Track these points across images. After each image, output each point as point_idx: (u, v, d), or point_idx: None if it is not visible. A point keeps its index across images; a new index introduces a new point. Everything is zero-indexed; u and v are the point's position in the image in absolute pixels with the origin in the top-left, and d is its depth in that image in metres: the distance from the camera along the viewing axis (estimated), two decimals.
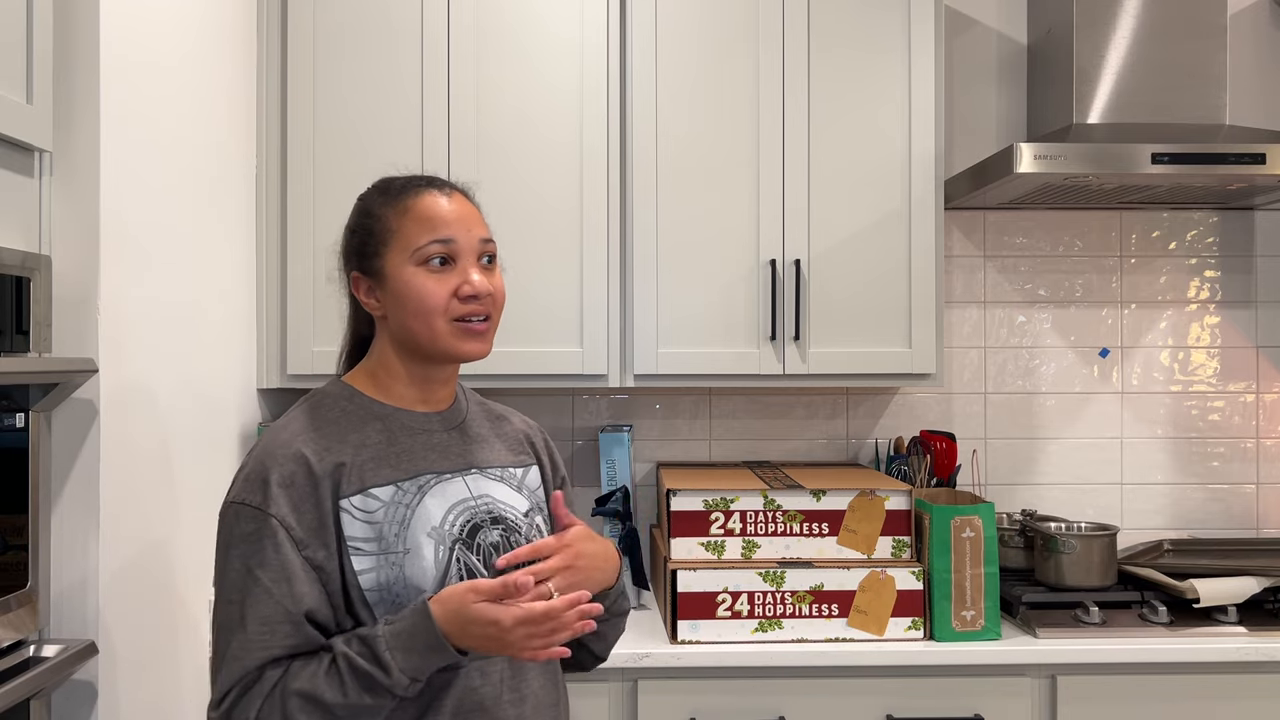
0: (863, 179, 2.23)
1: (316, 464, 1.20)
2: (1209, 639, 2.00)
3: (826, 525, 2.04)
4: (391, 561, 1.19)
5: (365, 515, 1.20)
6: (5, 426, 1.33)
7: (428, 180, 1.31)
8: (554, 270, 2.19)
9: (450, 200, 1.28)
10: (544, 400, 2.55)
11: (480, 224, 1.29)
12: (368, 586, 1.19)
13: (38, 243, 1.42)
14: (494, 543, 1.26)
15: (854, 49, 2.23)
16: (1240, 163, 2.08)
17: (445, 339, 1.24)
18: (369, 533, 1.20)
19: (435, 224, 1.25)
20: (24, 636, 1.35)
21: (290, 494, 1.18)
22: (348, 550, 1.19)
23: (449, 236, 1.25)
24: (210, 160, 1.91)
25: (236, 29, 2.05)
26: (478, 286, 1.24)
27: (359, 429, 1.25)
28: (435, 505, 1.24)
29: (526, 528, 1.31)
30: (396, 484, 1.23)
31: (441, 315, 1.24)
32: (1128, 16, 2.28)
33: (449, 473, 1.28)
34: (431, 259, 1.24)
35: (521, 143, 2.19)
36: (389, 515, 1.21)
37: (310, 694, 1.12)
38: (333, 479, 1.20)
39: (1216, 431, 2.60)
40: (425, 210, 1.26)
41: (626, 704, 1.96)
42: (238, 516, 1.18)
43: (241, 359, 2.08)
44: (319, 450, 1.21)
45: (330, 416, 1.26)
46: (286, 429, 1.24)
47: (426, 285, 1.24)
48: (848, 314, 2.23)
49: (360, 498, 1.21)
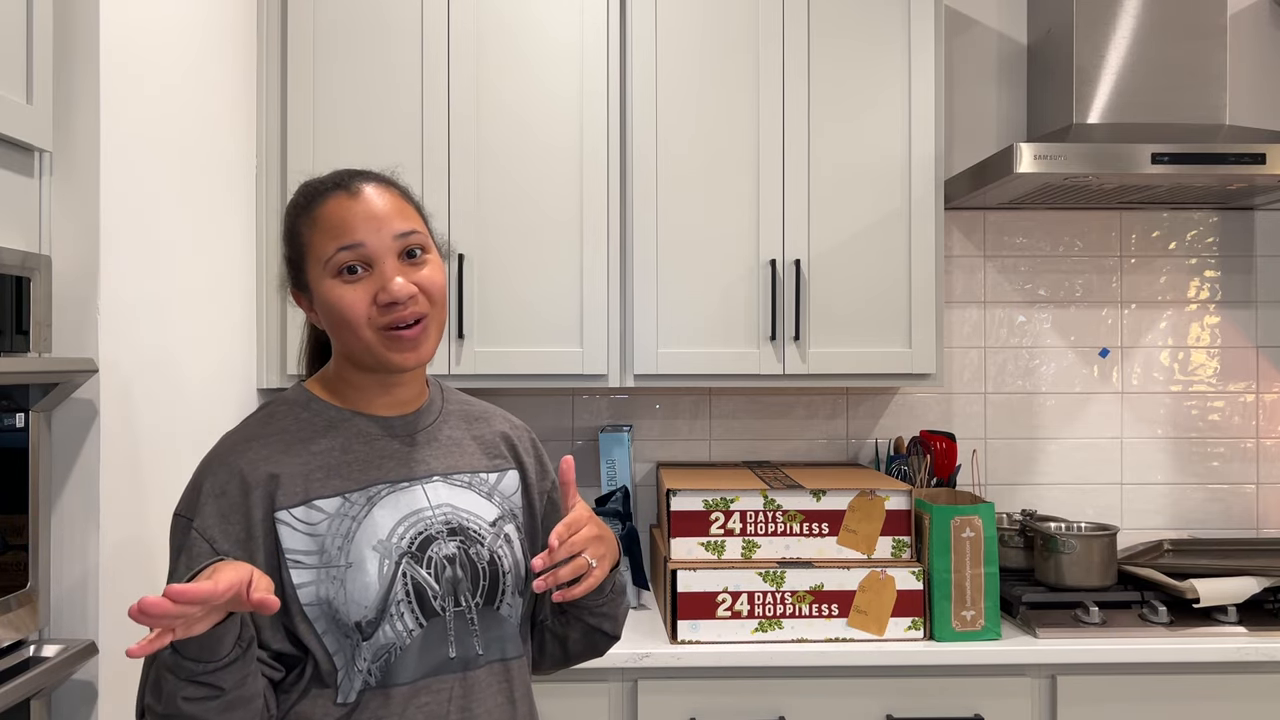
0: (863, 179, 2.23)
1: (250, 475, 1.16)
2: (1209, 639, 2.00)
3: (826, 525, 2.04)
4: (332, 576, 1.14)
5: (307, 528, 1.15)
6: (5, 426, 1.33)
7: (335, 181, 1.21)
8: (554, 270, 2.19)
9: (357, 200, 1.18)
10: (544, 400, 2.55)
11: (397, 217, 1.19)
12: (306, 601, 1.14)
13: (38, 243, 1.42)
14: (448, 555, 1.19)
15: (853, 49, 2.23)
16: (1240, 163, 2.08)
17: (375, 350, 1.18)
18: (310, 545, 1.15)
19: (340, 230, 1.17)
20: (24, 636, 1.35)
21: (220, 504, 1.14)
22: (286, 563, 1.14)
23: (356, 241, 1.16)
24: (210, 160, 1.91)
25: (236, 29, 2.05)
26: (394, 291, 1.15)
27: (311, 438, 1.20)
28: (384, 517, 1.18)
29: (491, 538, 1.23)
30: (344, 495, 1.18)
31: (365, 326, 1.17)
32: (1128, 16, 2.28)
33: (406, 481, 1.21)
34: (343, 268, 1.16)
35: (521, 143, 2.19)
36: (332, 528, 1.16)
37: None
38: (266, 490, 1.15)
39: (1216, 431, 2.60)
40: (329, 217, 1.18)
41: (626, 704, 1.96)
42: (174, 526, 1.17)
43: (241, 359, 2.08)
44: (255, 461, 1.17)
45: (282, 425, 1.22)
46: (231, 437, 1.21)
47: (344, 297, 1.16)
48: (848, 314, 2.23)
49: (303, 509, 1.16)
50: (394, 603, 1.15)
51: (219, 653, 1.02)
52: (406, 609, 1.16)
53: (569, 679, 1.93)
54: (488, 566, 1.22)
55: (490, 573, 1.22)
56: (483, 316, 2.18)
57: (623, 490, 2.22)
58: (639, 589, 2.24)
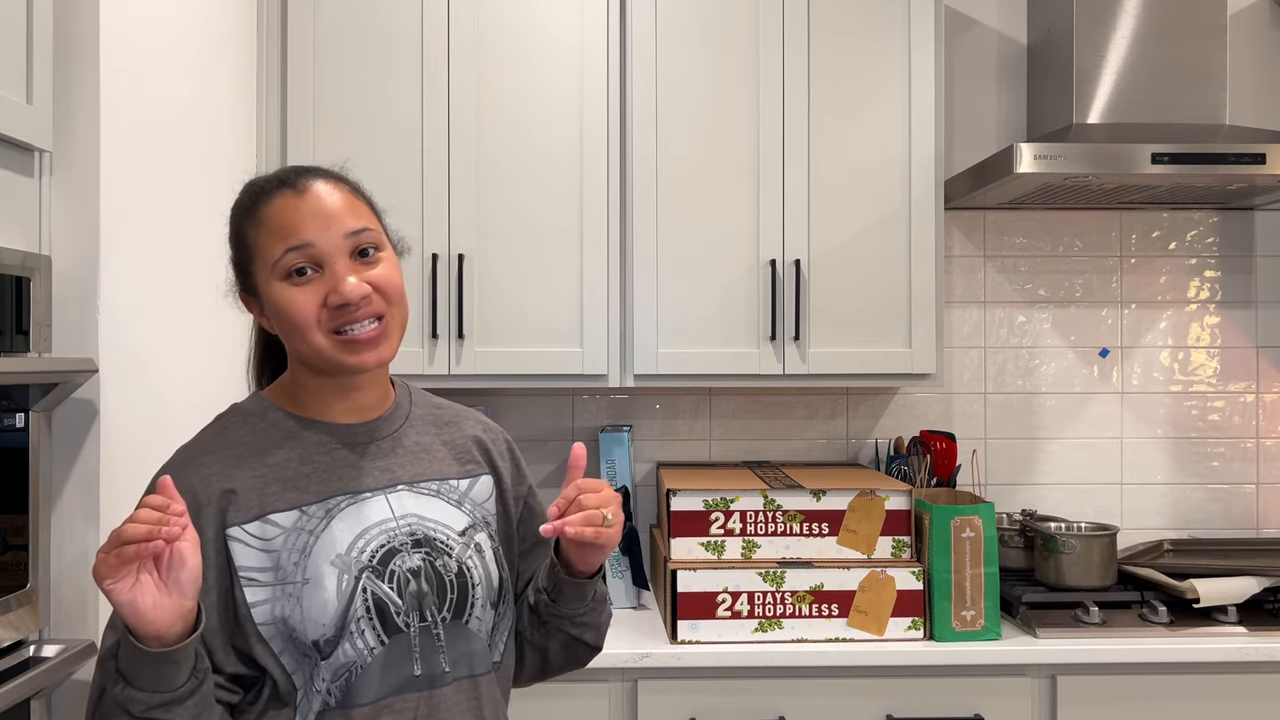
0: (863, 179, 2.23)
1: (201, 492, 1.10)
2: (1209, 639, 2.00)
3: (826, 525, 2.04)
4: (288, 593, 1.09)
5: (262, 544, 1.10)
6: (5, 426, 1.33)
7: (281, 179, 1.16)
8: (554, 270, 2.19)
9: (304, 198, 1.13)
10: (544, 400, 2.55)
11: (347, 215, 1.13)
12: (261, 620, 1.08)
13: (38, 243, 1.42)
14: (413, 568, 1.14)
15: (854, 49, 2.23)
16: (1240, 163, 2.08)
17: (329, 354, 1.12)
18: (265, 562, 1.09)
19: (286, 231, 1.11)
20: (24, 636, 1.35)
21: None
22: (239, 581, 1.08)
23: (304, 241, 1.11)
24: (210, 160, 1.91)
25: (236, 29, 2.05)
26: (345, 293, 1.10)
27: (267, 450, 1.15)
28: (344, 530, 1.12)
29: (460, 548, 1.18)
30: (301, 508, 1.12)
31: (316, 329, 1.11)
32: (1128, 16, 2.28)
33: (369, 491, 1.16)
34: (292, 270, 1.11)
35: (521, 143, 2.19)
36: (288, 543, 1.10)
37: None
38: (218, 507, 1.10)
39: (1216, 431, 2.60)
40: (275, 218, 1.12)
41: (626, 704, 1.96)
42: None
43: (242, 359, 2.07)
44: (208, 476, 1.11)
45: (236, 437, 1.16)
46: (184, 452, 1.16)
47: (294, 300, 1.11)
48: (848, 314, 2.23)
49: (257, 524, 1.10)
50: (353, 620, 1.10)
51: (174, 683, 0.98)
52: (367, 626, 1.11)
53: (569, 679, 1.92)
54: (456, 579, 1.17)
55: (459, 585, 1.17)
56: (482, 316, 2.18)
57: (623, 490, 2.22)
58: (639, 589, 2.24)
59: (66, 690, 1.43)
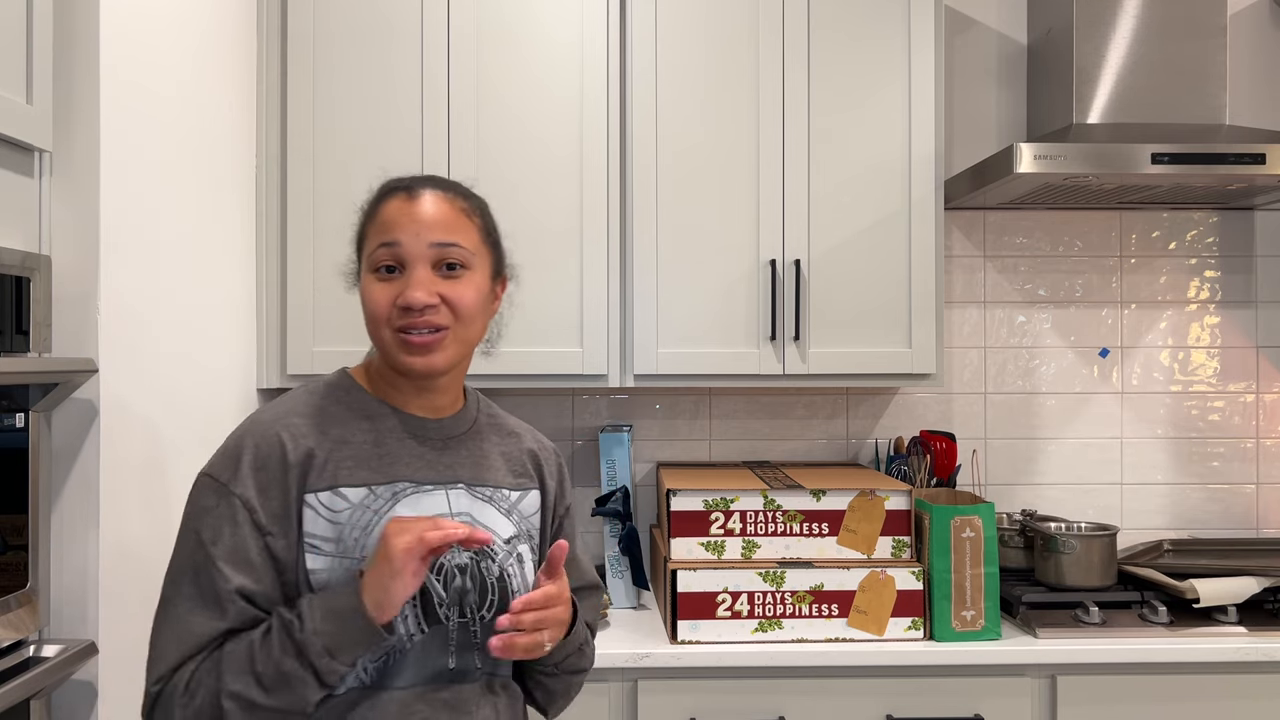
0: (863, 179, 2.23)
1: (291, 451, 1.16)
2: (1209, 639, 2.00)
3: (826, 525, 2.04)
4: (346, 566, 1.14)
5: (330, 514, 1.15)
6: (5, 426, 1.33)
7: (405, 183, 1.24)
8: (554, 270, 2.19)
9: (413, 203, 1.20)
10: (544, 400, 2.55)
11: (440, 228, 1.19)
12: (319, 585, 1.14)
13: (38, 243, 1.42)
14: (460, 565, 1.19)
15: (854, 50, 2.23)
16: (1240, 163, 2.08)
17: (390, 350, 1.19)
18: (330, 532, 1.15)
19: (384, 228, 1.19)
20: (24, 636, 1.35)
21: (260, 477, 1.14)
22: (305, 546, 1.14)
23: (393, 240, 1.18)
24: (210, 160, 1.91)
25: (236, 29, 2.05)
26: (410, 297, 1.16)
27: (347, 424, 1.21)
28: (405, 515, 1.16)
29: (504, 555, 1.23)
30: (370, 487, 1.18)
31: (385, 324, 1.18)
32: (1128, 16, 2.28)
33: (431, 484, 1.21)
34: (379, 265, 1.19)
35: (521, 142, 2.19)
36: (353, 518, 1.16)
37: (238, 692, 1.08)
38: (301, 469, 1.16)
39: (1216, 431, 2.60)
40: (383, 214, 1.21)
41: (626, 704, 1.96)
42: (204, 489, 1.15)
43: (241, 359, 2.08)
44: (297, 436, 1.17)
45: (322, 405, 1.22)
46: (274, 409, 1.21)
47: (373, 293, 1.19)
48: (848, 314, 2.23)
49: (328, 495, 1.16)
50: None
51: (356, 658, 1.10)
52: (410, 612, 1.16)
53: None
54: (497, 582, 1.21)
55: (499, 589, 1.21)
56: None
57: (623, 490, 2.22)
58: (639, 589, 2.24)
59: (66, 690, 1.43)
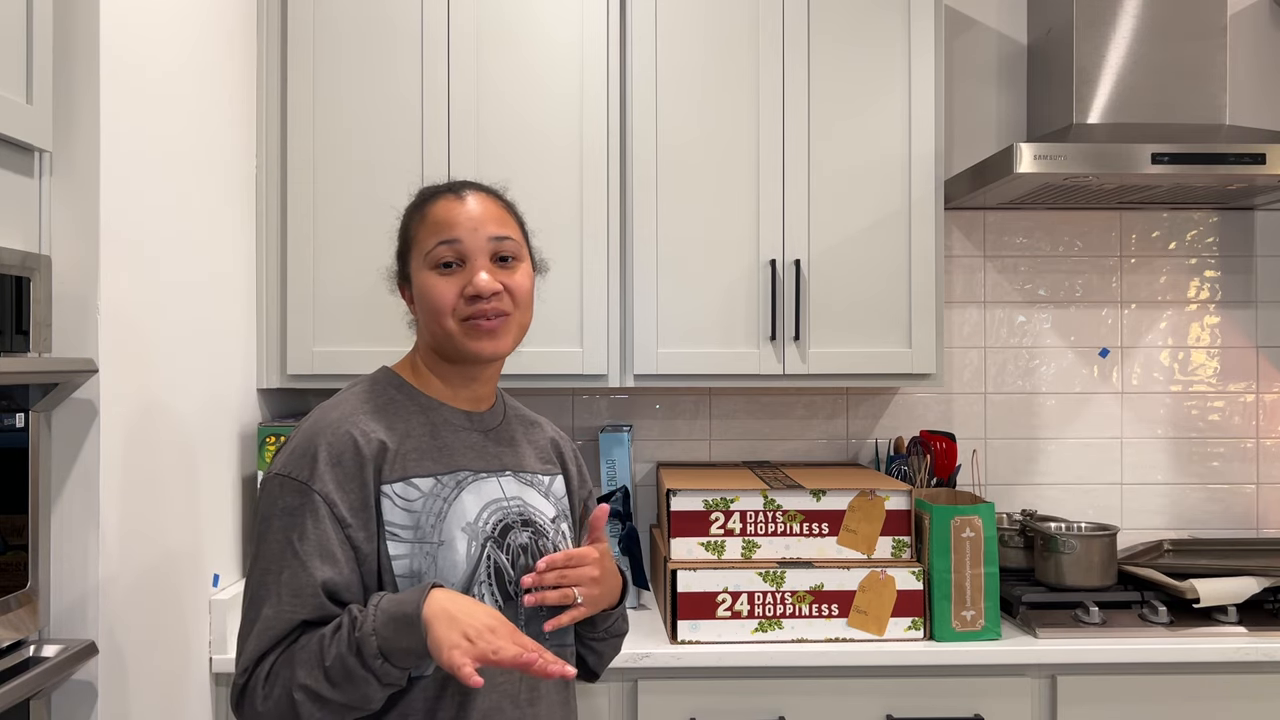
0: (863, 179, 2.23)
1: (364, 445, 1.24)
2: (1209, 639, 2.00)
3: (826, 525, 2.04)
4: (425, 551, 1.23)
5: (405, 503, 1.24)
6: (5, 426, 1.33)
7: (450, 186, 1.36)
8: (554, 270, 2.16)
9: (462, 203, 1.31)
10: (544, 400, 2.55)
11: (493, 223, 1.31)
12: (400, 573, 1.22)
13: (38, 243, 1.42)
14: (523, 544, 1.30)
15: (854, 49, 2.23)
16: (1240, 163, 2.08)
17: (457, 338, 1.29)
18: (407, 520, 1.23)
19: (442, 227, 1.30)
20: (24, 636, 1.35)
21: (336, 473, 1.21)
22: (385, 534, 1.22)
23: (454, 238, 1.29)
24: (210, 160, 1.91)
25: (236, 29, 2.05)
26: (479, 286, 1.27)
27: (406, 418, 1.30)
28: (471, 501, 1.28)
29: (554, 533, 1.35)
30: (436, 476, 1.27)
31: (450, 315, 1.28)
32: (1128, 16, 2.28)
33: (485, 472, 1.32)
34: (440, 261, 1.29)
35: (521, 142, 2.19)
36: (427, 506, 1.25)
37: (309, 685, 1.14)
38: (376, 463, 1.24)
39: (1216, 431, 2.60)
40: (436, 215, 1.31)
41: (626, 704, 1.96)
42: (282, 488, 1.21)
43: (241, 359, 2.08)
44: (366, 432, 1.25)
45: (379, 402, 1.31)
46: (337, 408, 1.28)
47: (437, 286, 1.29)
48: (848, 314, 2.23)
49: (401, 485, 1.24)
50: (478, 582, 1.25)
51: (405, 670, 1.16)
52: (487, 589, 1.25)
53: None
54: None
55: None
56: None
57: (623, 490, 2.22)
58: (639, 589, 2.24)
59: (66, 690, 1.43)
